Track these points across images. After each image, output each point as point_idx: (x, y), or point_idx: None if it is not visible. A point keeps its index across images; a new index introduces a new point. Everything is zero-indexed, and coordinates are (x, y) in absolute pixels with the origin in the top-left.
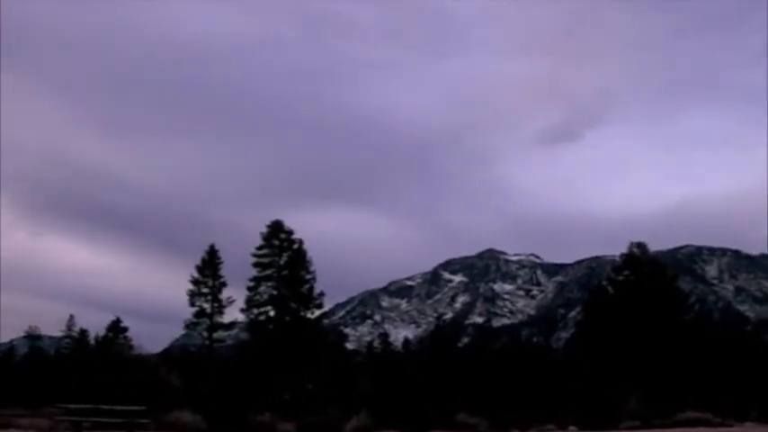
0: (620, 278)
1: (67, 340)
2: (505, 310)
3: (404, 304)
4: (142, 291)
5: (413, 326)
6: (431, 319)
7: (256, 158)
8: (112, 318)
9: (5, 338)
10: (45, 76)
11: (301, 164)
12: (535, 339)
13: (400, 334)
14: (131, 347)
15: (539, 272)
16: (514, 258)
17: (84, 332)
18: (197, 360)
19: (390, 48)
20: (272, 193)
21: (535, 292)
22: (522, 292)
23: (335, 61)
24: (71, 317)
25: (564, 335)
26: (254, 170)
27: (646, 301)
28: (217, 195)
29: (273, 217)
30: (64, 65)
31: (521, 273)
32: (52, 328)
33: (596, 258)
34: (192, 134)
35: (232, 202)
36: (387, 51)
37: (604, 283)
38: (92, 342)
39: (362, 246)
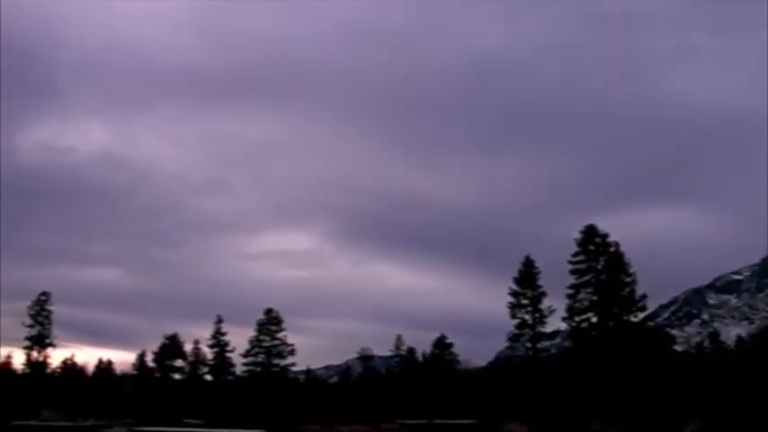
0: None
1: (397, 359)
2: None
3: (733, 300)
4: (463, 306)
5: (745, 322)
6: (764, 314)
7: (559, 166)
8: (437, 335)
9: (341, 360)
10: (341, 110)
11: (608, 166)
12: None
13: (731, 332)
14: (458, 362)
15: None
16: None
17: (411, 350)
18: (523, 371)
19: (686, 35)
20: (580, 199)
21: None
22: None
23: (633, 58)
24: (398, 336)
25: None
26: (559, 178)
27: None
28: (524, 206)
29: (585, 223)
30: (354, 96)
31: None
32: (382, 348)
33: None
34: (492, 148)
35: (541, 212)
36: (683, 39)
37: None
38: (419, 359)
39: (682, 242)
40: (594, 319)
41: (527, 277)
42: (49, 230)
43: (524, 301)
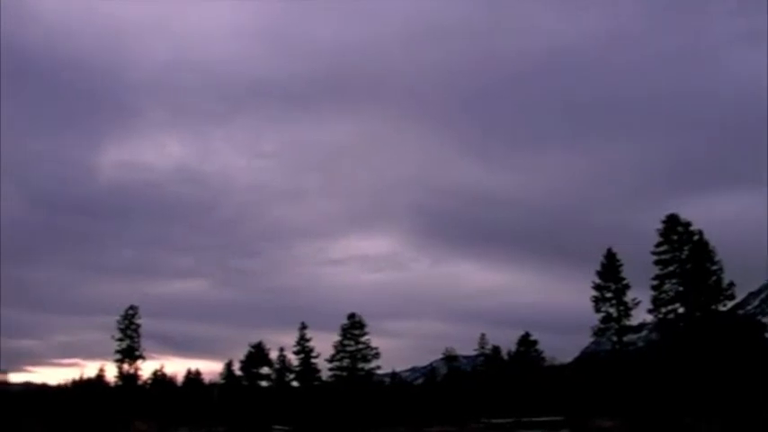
0: None
1: (481, 358)
2: None
3: None
4: (546, 303)
5: None
6: None
7: (635, 155)
8: (521, 333)
9: (426, 362)
10: (414, 110)
11: (684, 152)
12: None
13: None
14: (543, 359)
15: None
16: None
17: (496, 349)
18: (610, 365)
19: (752, 16)
20: (659, 188)
21: None
22: None
23: (696, 42)
24: (482, 336)
25: None
26: (636, 167)
27: None
28: (601, 198)
29: (666, 212)
30: (426, 95)
31: None
32: (466, 348)
33: None
34: (564, 141)
35: (619, 203)
36: (749, 20)
37: None
38: (504, 357)
39: None
40: (681, 310)
41: (610, 270)
42: (132, 246)
43: (608, 295)
